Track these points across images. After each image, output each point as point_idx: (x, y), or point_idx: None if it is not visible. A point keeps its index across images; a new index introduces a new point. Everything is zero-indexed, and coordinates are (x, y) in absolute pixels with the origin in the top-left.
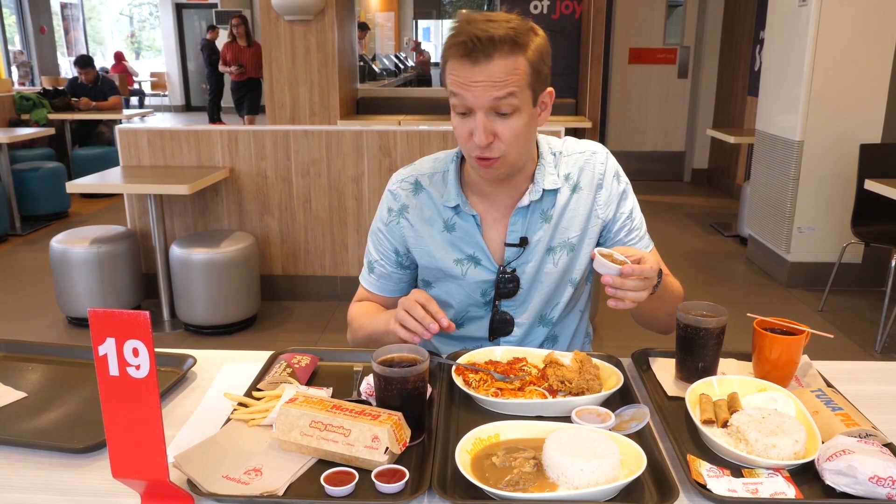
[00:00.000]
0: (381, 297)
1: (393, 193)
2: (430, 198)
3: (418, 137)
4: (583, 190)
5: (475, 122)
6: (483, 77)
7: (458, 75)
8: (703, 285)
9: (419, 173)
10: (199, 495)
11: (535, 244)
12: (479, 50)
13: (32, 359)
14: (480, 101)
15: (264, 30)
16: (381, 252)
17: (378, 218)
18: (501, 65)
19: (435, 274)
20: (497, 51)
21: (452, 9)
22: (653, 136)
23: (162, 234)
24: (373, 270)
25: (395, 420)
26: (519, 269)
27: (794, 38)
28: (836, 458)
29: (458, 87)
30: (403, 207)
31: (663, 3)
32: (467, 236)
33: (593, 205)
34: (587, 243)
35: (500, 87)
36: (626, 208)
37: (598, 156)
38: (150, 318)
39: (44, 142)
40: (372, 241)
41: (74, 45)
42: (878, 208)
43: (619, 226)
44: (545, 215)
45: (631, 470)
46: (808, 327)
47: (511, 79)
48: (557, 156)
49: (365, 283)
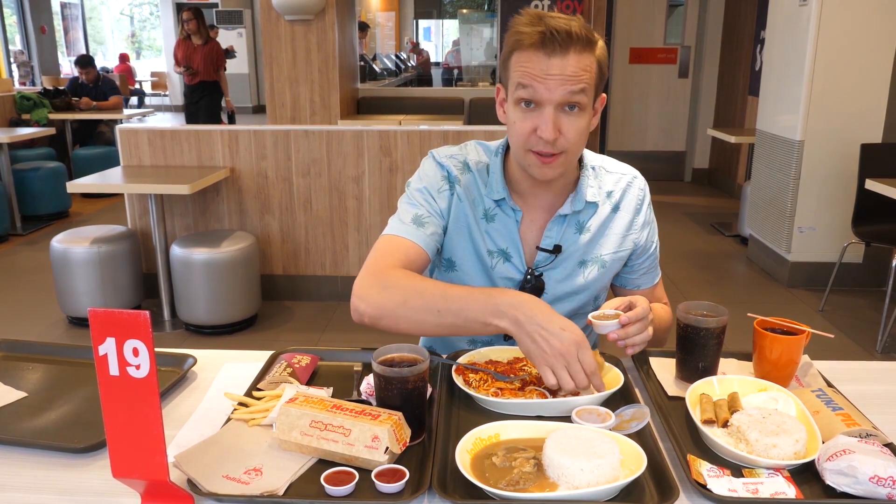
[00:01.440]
0: (425, 258)
1: (443, 165)
2: (475, 182)
3: (419, 137)
4: (622, 211)
5: (542, 117)
6: (558, 70)
7: (530, 67)
8: (703, 285)
9: (467, 157)
10: (199, 495)
11: (569, 254)
12: (557, 42)
13: (33, 358)
14: (554, 95)
15: (265, 29)
16: (434, 210)
17: (428, 182)
18: (576, 60)
19: (463, 256)
20: (573, 45)
21: (453, 9)
22: (653, 136)
23: (162, 233)
24: (422, 225)
25: (396, 420)
26: (547, 275)
27: (795, 37)
28: (837, 458)
29: (530, 79)
30: (455, 179)
31: (664, 3)
32: (505, 230)
33: (629, 228)
34: (617, 265)
35: (574, 83)
36: (654, 238)
37: (638, 181)
38: (151, 318)
39: (44, 142)
40: (419, 199)
41: (75, 44)
42: (878, 208)
43: (649, 253)
44: (581, 227)
45: (631, 470)
46: (808, 327)
47: (584, 75)
48: (597, 169)
49: (411, 235)
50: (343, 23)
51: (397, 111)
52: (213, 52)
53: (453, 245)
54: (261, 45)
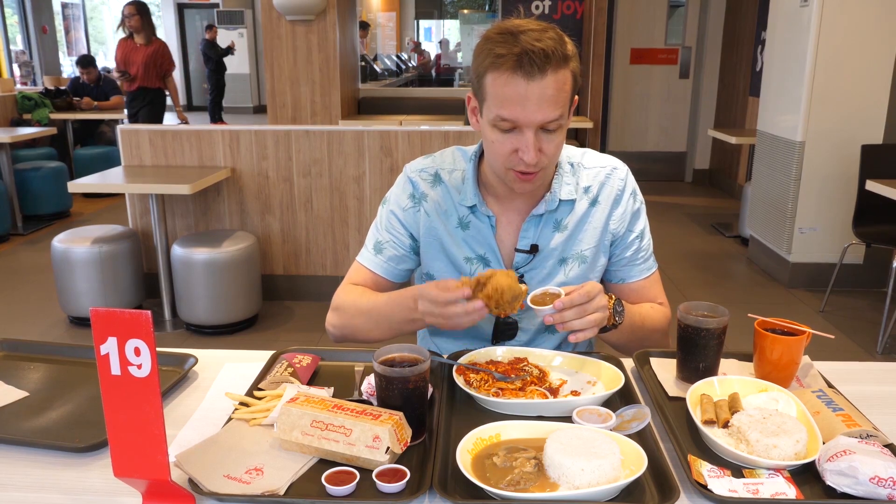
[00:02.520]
0: (384, 281)
1: (412, 181)
2: (447, 192)
3: (420, 137)
4: (600, 204)
5: (522, 140)
6: (537, 94)
7: (508, 91)
8: (704, 286)
9: (439, 166)
10: (200, 494)
11: (548, 253)
12: (535, 65)
13: (34, 358)
14: (534, 119)
15: (266, 29)
16: (395, 235)
17: (394, 202)
18: (554, 80)
19: (441, 268)
20: (551, 65)
21: (454, 9)
22: (654, 137)
23: (163, 233)
24: (381, 251)
25: (397, 420)
26: (528, 275)
27: (796, 38)
28: (837, 459)
29: (510, 105)
30: (422, 196)
31: (665, 4)
32: (480, 236)
33: (608, 219)
34: (601, 258)
35: (553, 106)
36: (638, 227)
37: (618, 172)
38: (152, 318)
39: (45, 141)
40: (384, 223)
41: (76, 44)
42: (879, 209)
43: (627, 243)
44: (559, 225)
45: (632, 470)
46: (809, 328)
47: (560, 95)
48: (576, 166)
49: (368, 263)
50: (344, 23)
51: (398, 111)
52: (157, 54)
53: (429, 259)
54: (262, 45)
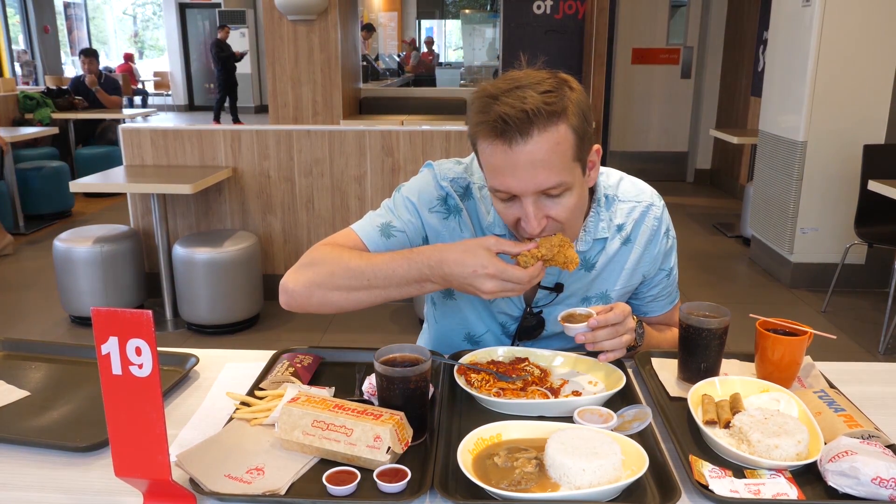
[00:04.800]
0: None
1: (443, 188)
2: (475, 209)
3: (421, 137)
4: (633, 244)
5: (523, 209)
6: (524, 159)
7: (495, 160)
8: (705, 286)
9: (471, 180)
10: (201, 494)
11: (572, 292)
12: (514, 129)
13: (35, 357)
14: (528, 187)
15: (267, 29)
16: (410, 227)
17: (419, 197)
18: (541, 140)
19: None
20: (535, 126)
21: (455, 9)
22: (656, 137)
23: (165, 233)
24: (390, 236)
25: (398, 420)
26: (547, 311)
27: (798, 38)
28: (839, 460)
29: (499, 175)
30: (457, 209)
31: (667, 4)
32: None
33: (640, 260)
34: (623, 297)
35: (547, 170)
36: (668, 265)
37: (654, 209)
38: (153, 318)
39: (47, 141)
40: (401, 210)
41: (78, 44)
42: (881, 209)
43: (656, 282)
44: (588, 263)
45: (633, 470)
46: (810, 328)
47: (555, 157)
48: (610, 199)
49: (368, 241)
50: (345, 23)
51: (399, 111)
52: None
53: None
54: (263, 45)
